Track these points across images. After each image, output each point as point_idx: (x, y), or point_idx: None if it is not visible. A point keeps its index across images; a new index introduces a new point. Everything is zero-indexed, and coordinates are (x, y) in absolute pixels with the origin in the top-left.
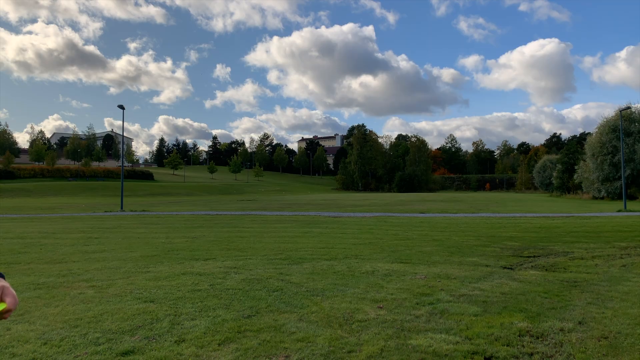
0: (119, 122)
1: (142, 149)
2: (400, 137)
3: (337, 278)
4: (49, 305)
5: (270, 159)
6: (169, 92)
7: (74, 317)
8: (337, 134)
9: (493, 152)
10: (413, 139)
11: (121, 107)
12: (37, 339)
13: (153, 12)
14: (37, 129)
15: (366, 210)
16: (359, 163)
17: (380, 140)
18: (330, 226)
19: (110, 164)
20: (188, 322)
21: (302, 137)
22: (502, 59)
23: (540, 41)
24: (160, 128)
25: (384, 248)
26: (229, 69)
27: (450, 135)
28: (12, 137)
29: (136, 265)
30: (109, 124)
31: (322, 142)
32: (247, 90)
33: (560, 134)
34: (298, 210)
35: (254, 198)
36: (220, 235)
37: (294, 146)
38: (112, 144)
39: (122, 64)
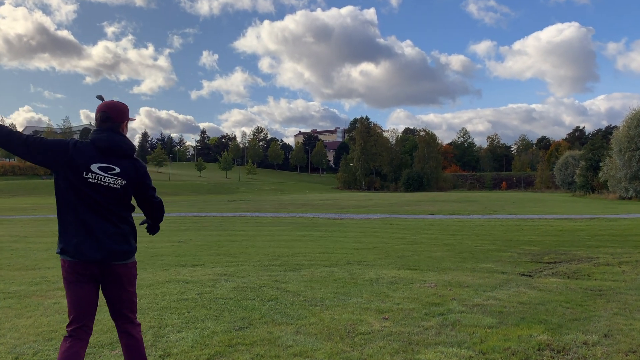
0: None
1: None
2: (407, 131)
3: (338, 286)
4: (21, 316)
5: (265, 155)
6: (151, 82)
7: (49, 330)
8: (338, 128)
9: (510, 147)
10: (422, 133)
11: (100, 97)
12: (7, 354)
13: None
14: (7, 122)
15: (370, 212)
16: (362, 159)
17: (385, 134)
18: (330, 229)
19: None
20: (174, 335)
21: (300, 131)
22: (517, 45)
23: (558, 25)
24: (142, 121)
25: (390, 253)
26: (216, 56)
27: (463, 129)
28: None
29: None
30: (86, 116)
31: (321, 137)
32: (237, 80)
33: (584, 127)
34: (295, 212)
35: (246, 198)
36: (209, 239)
37: (290, 141)
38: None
39: (98, 51)
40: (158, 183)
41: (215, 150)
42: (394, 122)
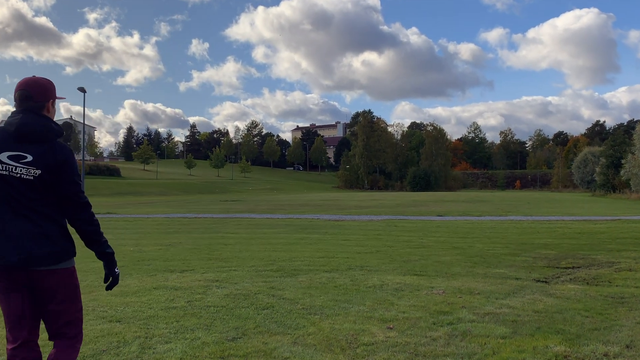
0: (78, 108)
1: (105, 140)
2: (413, 126)
3: (339, 293)
4: None
5: (260, 151)
6: (136, 72)
7: None
8: (339, 122)
9: (524, 143)
10: (429, 128)
11: (82, 89)
12: None
13: None
14: None
15: (373, 213)
16: (364, 156)
17: (389, 129)
18: (330, 231)
19: None
20: (161, 346)
21: (297, 126)
22: (531, 33)
23: (576, 12)
24: (126, 115)
25: (395, 257)
26: (206, 45)
27: (473, 123)
28: None
29: (99, 277)
30: (66, 110)
31: (320, 132)
32: (229, 70)
33: (604, 121)
34: (292, 213)
35: (239, 198)
36: (199, 242)
37: (287, 136)
38: (70, 133)
39: (79, 39)
40: (145, 182)
41: (206, 147)
42: (399, 115)
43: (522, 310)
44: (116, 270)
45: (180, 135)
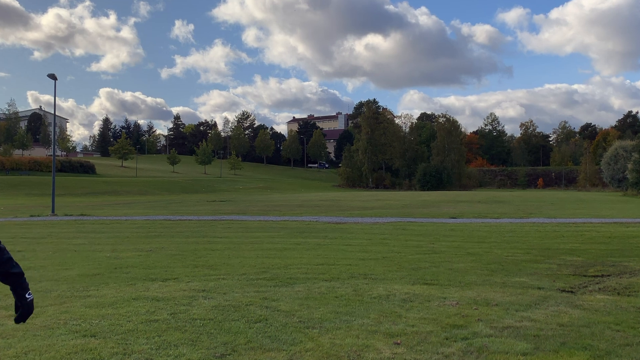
0: (48, 97)
1: (79, 133)
2: (423, 117)
3: (340, 304)
4: None
5: (251, 145)
6: (113, 57)
7: None
8: (340, 113)
9: (547, 136)
10: (441, 120)
11: (52, 76)
12: None
13: None
14: None
15: (379, 215)
16: (369, 151)
17: (397, 121)
18: (330, 235)
19: (38, 153)
20: None
21: (294, 117)
22: (554, 13)
23: None
24: (102, 105)
25: (403, 265)
26: (191, 27)
27: (491, 114)
28: None
29: (72, 287)
30: (34, 99)
31: (319, 124)
32: (217, 55)
33: (637, 112)
34: (288, 215)
35: (229, 198)
36: (184, 247)
37: (282, 129)
38: (40, 126)
39: (49, 20)
40: (123, 180)
41: (191, 140)
42: (407, 106)
43: (545, 324)
44: (27, 296)
45: (162, 128)
